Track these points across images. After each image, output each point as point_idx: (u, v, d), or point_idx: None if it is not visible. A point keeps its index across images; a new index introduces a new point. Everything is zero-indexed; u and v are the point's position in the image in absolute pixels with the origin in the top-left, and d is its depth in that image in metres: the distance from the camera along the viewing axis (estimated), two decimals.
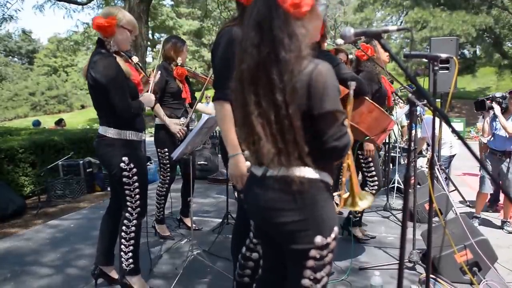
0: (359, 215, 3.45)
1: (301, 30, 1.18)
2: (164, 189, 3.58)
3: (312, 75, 1.17)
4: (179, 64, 3.48)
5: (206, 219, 4.22)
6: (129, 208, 2.40)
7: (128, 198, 2.38)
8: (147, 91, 2.64)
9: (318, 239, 1.25)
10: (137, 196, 2.39)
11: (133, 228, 2.42)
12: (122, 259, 2.42)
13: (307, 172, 1.23)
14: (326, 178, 1.29)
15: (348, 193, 1.68)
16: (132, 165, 2.34)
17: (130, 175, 2.34)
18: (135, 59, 2.59)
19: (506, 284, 2.69)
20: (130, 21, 2.34)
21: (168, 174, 3.54)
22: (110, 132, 2.31)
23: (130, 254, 2.42)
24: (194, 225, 3.39)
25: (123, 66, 2.31)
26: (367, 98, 2.60)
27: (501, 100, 4.10)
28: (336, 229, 1.30)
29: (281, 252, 1.38)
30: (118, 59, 2.32)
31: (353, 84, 1.57)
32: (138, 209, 2.41)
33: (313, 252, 1.26)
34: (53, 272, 2.91)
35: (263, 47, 1.17)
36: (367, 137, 2.65)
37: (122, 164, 2.31)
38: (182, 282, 2.60)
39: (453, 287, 2.62)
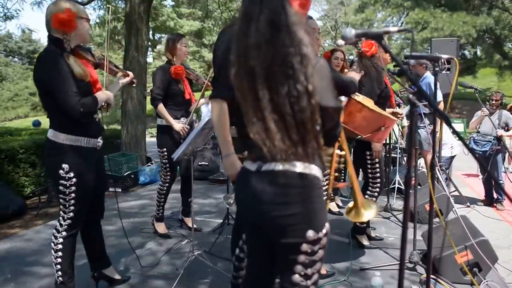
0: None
1: (309, 28, 1.25)
2: (165, 188, 3.61)
3: (316, 69, 1.22)
4: (175, 63, 3.46)
5: (207, 220, 4.22)
6: (60, 218, 2.23)
7: (61, 207, 2.22)
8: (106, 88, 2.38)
9: (310, 233, 1.27)
10: (71, 208, 2.19)
11: (60, 240, 2.21)
12: (54, 271, 2.28)
13: (303, 167, 1.25)
14: (319, 174, 1.31)
15: (351, 204, 1.68)
16: (72, 174, 2.14)
17: (68, 185, 2.15)
18: (93, 53, 2.34)
19: (506, 284, 2.69)
20: (83, 9, 2.16)
21: (168, 174, 3.58)
22: (59, 138, 2.13)
23: (58, 266, 2.24)
24: (195, 226, 3.39)
25: (75, 65, 2.10)
26: (355, 98, 2.53)
27: None
28: (327, 225, 1.32)
29: (271, 253, 1.38)
30: (71, 57, 2.12)
31: (344, 100, 1.60)
32: (69, 221, 2.21)
33: (304, 247, 1.28)
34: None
35: (280, 43, 1.19)
36: (359, 136, 2.64)
37: (60, 171, 2.13)
38: (183, 283, 2.61)
39: None
